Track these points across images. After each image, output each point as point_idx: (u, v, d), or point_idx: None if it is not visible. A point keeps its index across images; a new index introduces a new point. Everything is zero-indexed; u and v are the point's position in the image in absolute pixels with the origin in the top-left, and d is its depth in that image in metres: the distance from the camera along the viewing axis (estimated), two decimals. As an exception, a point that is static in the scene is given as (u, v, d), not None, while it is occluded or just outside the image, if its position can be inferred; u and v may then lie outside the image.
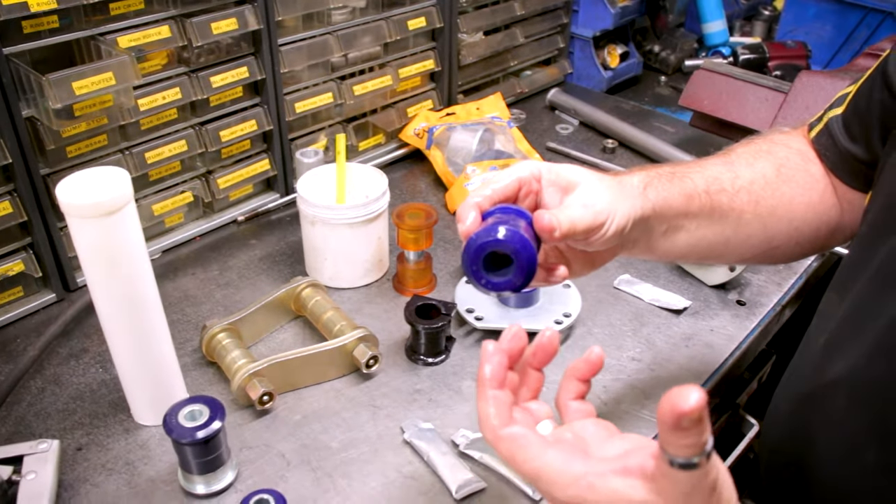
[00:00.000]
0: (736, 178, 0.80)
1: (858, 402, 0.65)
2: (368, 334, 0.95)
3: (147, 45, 1.03)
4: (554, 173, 0.70)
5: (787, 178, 0.82)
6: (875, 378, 0.63)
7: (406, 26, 1.33)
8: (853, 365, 0.66)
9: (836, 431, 0.67)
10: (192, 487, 0.81)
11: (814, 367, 0.72)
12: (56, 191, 0.73)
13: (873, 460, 0.63)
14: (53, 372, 0.96)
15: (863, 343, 0.65)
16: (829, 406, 0.68)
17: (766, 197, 0.80)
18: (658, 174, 0.77)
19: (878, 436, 0.63)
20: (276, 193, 1.29)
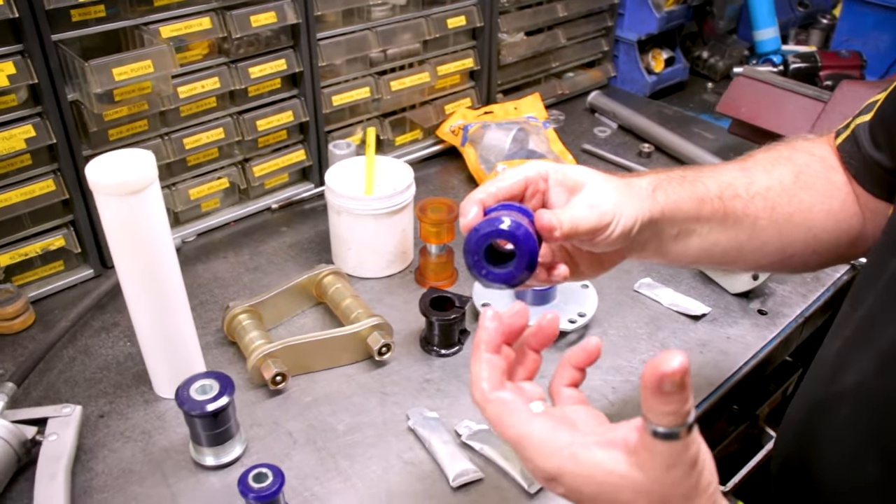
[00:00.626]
0: (751, 183, 0.79)
1: (862, 413, 0.65)
2: (383, 323, 0.98)
3: (188, 35, 1.07)
4: (561, 173, 0.71)
5: (805, 184, 0.80)
6: (880, 391, 0.63)
7: (446, 24, 1.35)
8: (861, 376, 0.65)
9: (840, 442, 0.67)
10: (201, 459, 0.85)
11: (825, 377, 0.71)
12: (85, 169, 0.78)
13: (873, 474, 0.62)
14: (85, 343, 1.01)
15: (871, 355, 0.65)
16: (835, 416, 0.68)
17: (782, 203, 0.79)
18: (669, 177, 0.77)
19: (879, 449, 0.62)
20: (311, 183, 1.33)
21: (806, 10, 1.98)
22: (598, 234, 0.68)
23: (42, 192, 1.02)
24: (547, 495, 0.82)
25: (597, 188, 0.69)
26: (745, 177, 0.80)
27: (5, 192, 0.99)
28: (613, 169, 1.44)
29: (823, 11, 2.00)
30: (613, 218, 0.68)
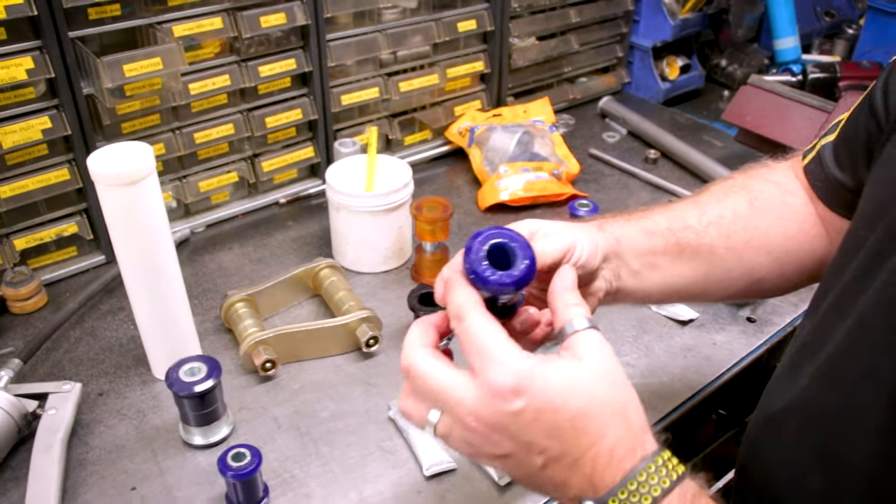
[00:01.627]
0: (703, 213, 0.80)
1: (807, 428, 0.65)
2: (372, 316, 1.02)
3: (200, 34, 1.12)
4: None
5: (760, 209, 0.81)
6: (821, 406, 0.63)
7: (456, 28, 1.38)
8: (805, 392, 0.66)
9: (787, 456, 0.68)
10: (190, 438, 0.89)
11: (777, 391, 0.72)
12: (87, 160, 0.83)
13: (817, 488, 0.63)
14: (91, 325, 1.07)
15: (814, 370, 0.65)
16: (783, 430, 0.68)
17: (737, 230, 0.80)
18: (614, 217, 0.78)
19: (822, 464, 0.63)
20: (319, 180, 1.37)
21: (832, 20, 1.97)
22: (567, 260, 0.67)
23: (57, 180, 1.08)
24: (518, 490, 0.85)
25: (549, 226, 0.70)
26: (695, 208, 0.81)
27: (22, 180, 1.05)
28: (618, 174, 1.46)
29: (850, 21, 1.98)
30: (573, 242, 0.68)
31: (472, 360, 0.55)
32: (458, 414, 0.55)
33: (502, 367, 0.53)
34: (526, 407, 0.53)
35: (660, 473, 0.53)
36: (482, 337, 0.55)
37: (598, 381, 0.54)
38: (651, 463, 0.53)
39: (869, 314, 0.60)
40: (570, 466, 0.54)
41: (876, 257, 0.62)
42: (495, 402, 0.53)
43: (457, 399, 0.55)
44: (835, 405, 0.62)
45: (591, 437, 0.53)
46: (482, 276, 0.56)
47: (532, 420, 0.53)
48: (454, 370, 0.56)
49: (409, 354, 0.58)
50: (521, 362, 0.54)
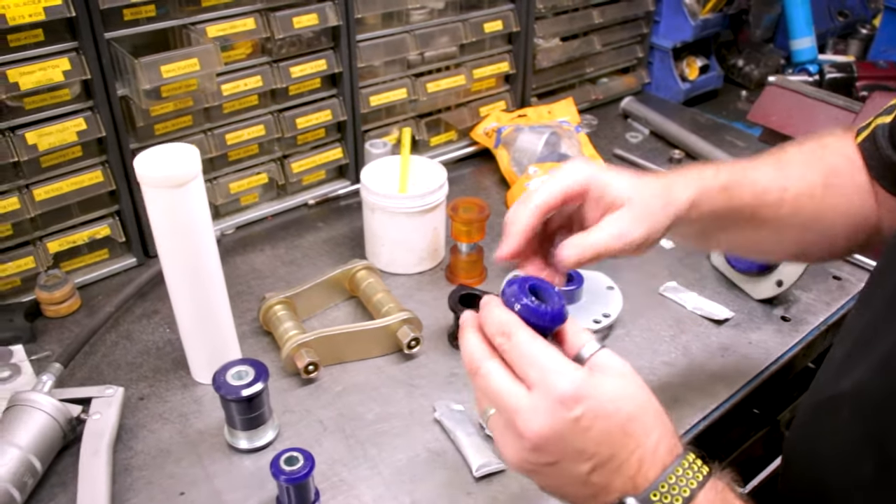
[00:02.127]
0: (785, 189, 0.80)
1: (860, 415, 0.66)
2: (413, 317, 1.01)
3: (233, 35, 1.11)
4: (600, 190, 0.70)
5: (834, 188, 0.82)
6: (878, 393, 0.64)
7: (482, 29, 1.38)
8: (859, 380, 0.67)
9: (839, 442, 0.69)
10: (235, 442, 0.89)
11: (829, 379, 0.73)
12: (134, 162, 0.82)
13: (869, 474, 0.64)
14: (127, 328, 1.06)
15: (872, 358, 0.66)
16: (837, 417, 0.69)
17: (809, 208, 0.81)
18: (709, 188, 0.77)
19: (875, 450, 0.64)
20: (347, 181, 1.36)
21: (846, 20, 1.97)
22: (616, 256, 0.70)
23: (91, 182, 1.07)
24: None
25: (632, 214, 0.70)
26: (779, 179, 0.81)
27: (57, 182, 1.04)
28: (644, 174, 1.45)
29: (863, 21, 1.99)
30: (637, 246, 0.70)
31: (527, 373, 0.57)
32: (512, 421, 0.57)
33: (562, 376, 0.56)
34: (584, 413, 0.55)
35: (693, 469, 0.56)
36: (536, 350, 0.57)
37: (638, 389, 0.58)
38: (684, 460, 0.57)
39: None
40: (615, 470, 0.57)
41: None
42: (558, 411, 0.55)
43: (512, 407, 0.57)
44: (888, 395, 0.62)
45: (638, 439, 0.56)
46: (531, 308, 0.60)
47: (587, 427, 0.56)
48: (509, 377, 0.58)
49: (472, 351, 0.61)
50: (576, 372, 0.56)
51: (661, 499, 0.55)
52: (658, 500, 0.55)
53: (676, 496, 0.55)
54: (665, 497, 0.55)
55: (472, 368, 0.61)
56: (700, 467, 0.57)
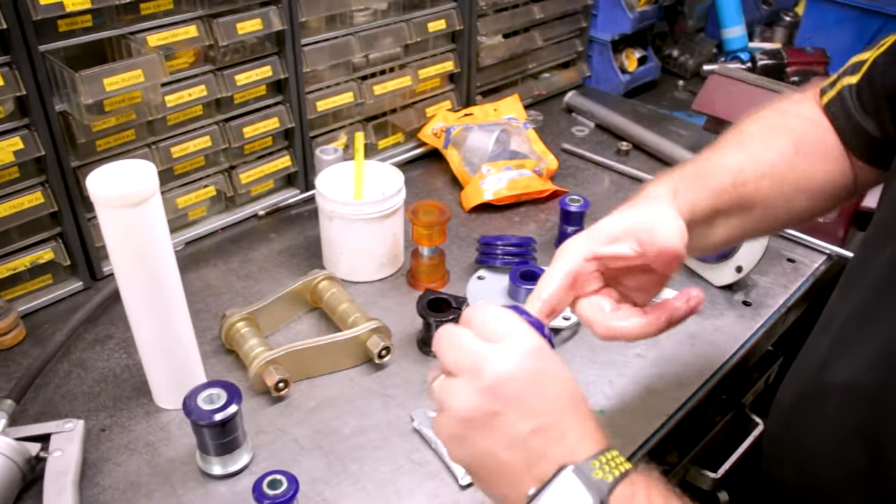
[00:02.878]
0: (756, 163, 0.79)
1: (850, 406, 0.66)
2: (381, 326, 0.99)
3: (175, 43, 1.07)
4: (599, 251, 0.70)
5: (806, 153, 0.81)
6: (869, 385, 0.64)
7: (426, 28, 1.36)
8: (852, 371, 0.67)
9: (829, 432, 0.69)
10: (209, 468, 0.85)
11: (816, 367, 0.73)
12: (86, 182, 0.77)
13: (862, 462, 0.64)
14: (79, 356, 1.00)
15: (863, 350, 0.66)
16: (825, 407, 0.69)
17: (788, 177, 0.80)
18: (684, 179, 0.77)
19: (867, 441, 0.64)
20: (297, 189, 1.33)
21: (770, 8, 2.03)
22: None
23: (30, 204, 1.01)
24: (554, 490, 0.84)
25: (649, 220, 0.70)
26: (749, 158, 0.80)
27: (-7, 206, 0.98)
28: (593, 168, 1.46)
29: (787, 9, 2.05)
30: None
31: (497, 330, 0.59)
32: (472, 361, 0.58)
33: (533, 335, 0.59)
34: (546, 369, 0.58)
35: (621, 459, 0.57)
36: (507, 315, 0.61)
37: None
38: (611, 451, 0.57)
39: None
40: (555, 439, 0.57)
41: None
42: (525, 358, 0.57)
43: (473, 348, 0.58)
44: (883, 390, 0.62)
45: (582, 416, 0.58)
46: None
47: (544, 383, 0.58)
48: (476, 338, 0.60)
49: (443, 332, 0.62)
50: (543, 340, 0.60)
51: (601, 466, 0.55)
52: (597, 468, 0.55)
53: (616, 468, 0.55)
54: (606, 465, 0.55)
55: (438, 341, 0.61)
56: (625, 462, 0.57)
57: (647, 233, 0.68)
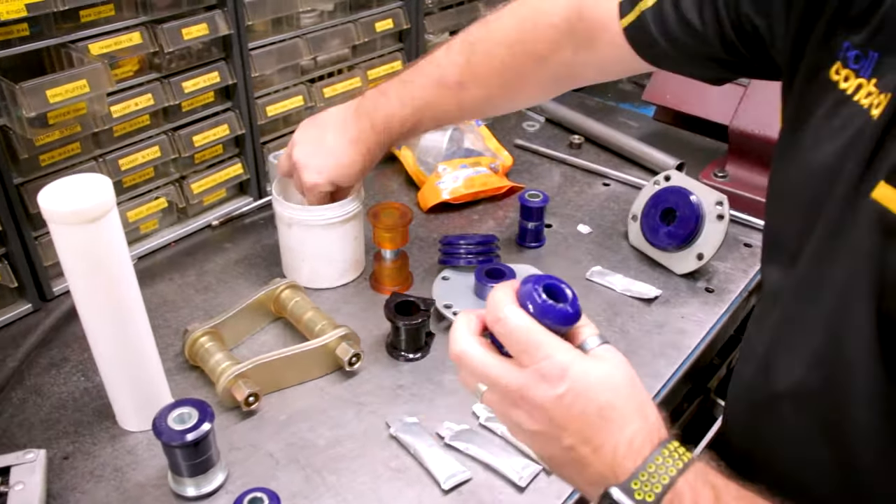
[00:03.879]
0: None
1: (804, 411, 0.68)
2: (350, 332, 0.97)
3: (118, 51, 1.03)
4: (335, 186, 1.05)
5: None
6: (815, 389, 0.66)
7: (374, 28, 1.34)
8: (793, 378, 0.68)
9: (789, 436, 0.71)
10: (182, 490, 0.82)
11: (759, 377, 0.74)
12: (38, 198, 0.74)
13: (828, 457, 0.66)
14: (34, 382, 0.96)
15: (799, 356, 0.68)
16: (778, 414, 0.71)
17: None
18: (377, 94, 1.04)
19: (829, 439, 0.66)
20: (250, 197, 1.29)
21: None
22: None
23: (-29, 226, 0.96)
24: (538, 488, 0.83)
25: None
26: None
27: (-68, 230, 0.93)
28: (546, 162, 1.46)
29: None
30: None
31: (519, 355, 0.60)
32: (508, 395, 0.61)
33: (550, 358, 0.59)
34: (567, 391, 0.58)
35: (673, 457, 0.57)
36: (528, 333, 0.60)
37: (623, 380, 0.60)
38: (665, 449, 0.57)
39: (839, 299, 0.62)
40: (593, 452, 0.59)
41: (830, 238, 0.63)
42: (542, 386, 0.59)
43: (506, 384, 0.61)
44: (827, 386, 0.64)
45: (614, 426, 0.58)
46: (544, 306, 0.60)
47: (569, 404, 0.58)
48: (502, 360, 0.62)
49: (459, 343, 0.63)
50: (565, 354, 0.59)
51: (641, 487, 0.56)
52: (639, 489, 0.56)
53: (656, 483, 0.56)
54: (646, 485, 0.56)
55: (458, 356, 0.64)
56: (682, 454, 0.58)
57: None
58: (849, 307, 0.61)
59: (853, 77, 0.63)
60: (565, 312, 0.60)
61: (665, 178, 1.19)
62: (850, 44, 0.63)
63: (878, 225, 0.57)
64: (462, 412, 0.92)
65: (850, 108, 0.62)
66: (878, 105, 0.59)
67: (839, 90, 0.64)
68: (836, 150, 0.63)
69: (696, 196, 1.12)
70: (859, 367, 0.60)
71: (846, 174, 0.61)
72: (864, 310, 0.59)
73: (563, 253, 1.21)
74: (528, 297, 0.60)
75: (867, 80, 0.61)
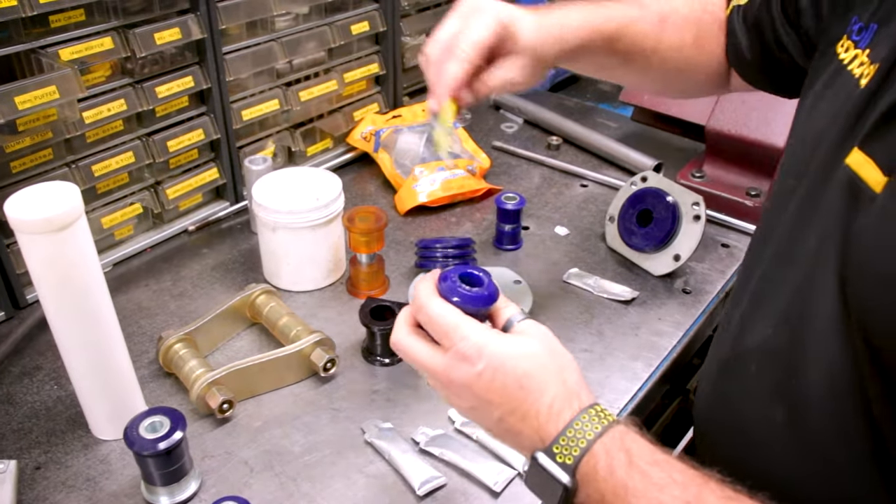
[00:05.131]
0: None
1: (765, 368, 0.70)
2: (325, 338, 0.96)
3: (90, 56, 1.02)
4: (509, 37, 0.83)
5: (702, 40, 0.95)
6: (778, 348, 0.68)
7: (349, 31, 1.34)
8: (761, 336, 0.71)
9: (749, 394, 0.73)
10: (155, 500, 0.81)
11: (731, 338, 0.77)
12: (4, 207, 0.73)
13: (780, 417, 0.68)
14: (6, 391, 0.95)
15: (768, 316, 0.70)
16: (742, 372, 0.74)
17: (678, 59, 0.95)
18: (594, 39, 0.89)
19: (782, 397, 0.68)
20: (226, 202, 1.29)
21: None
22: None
23: (-58, 235, 0.95)
24: (513, 493, 0.83)
25: (523, 64, 0.84)
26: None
27: None
28: (525, 164, 1.46)
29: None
30: (521, 87, 0.87)
31: (441, 340, 0.65)
32: (437, 378, 0.66)
33: (466, 339, 0.63)
34: (485, 368, 0.62)
35: (593, 421, 0.61)
36: (444, 319, 0.64)
37: (540, 350, 0.64)
38: (585, 413, 0.61)
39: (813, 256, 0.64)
40: (521, 419, 0.63)
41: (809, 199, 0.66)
42: (463, 366, 0.63)
43: (432, 368, 0.65)
44: (791, 344, 0.66)
45: (534, 394, 0.62)
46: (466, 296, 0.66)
47: (490, 380, 0.63)
48: (430, 346, 0.66)
49: (396, 333, 0.68)
50: (480, 335, 0.63)
51: (561, 450, 0.60)
52: (559, 452, 0.60)
53: (574, 447, 0.60)
54: (565, 449, 0.60)
55: (394, 344, 0.69)
56: (603, 417, 0.61)
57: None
58: (816, 271, 0.63)
59: (852, 48, 0.67)
60: (480, 295, 0.66)
61: (642, 178, 1.19)
62: (857, 17, 0.67)
63: (847, 190, 0.60)
64: (437, 417, 0.92)
65: (843, 78, 0.66)
66: (867, 75, 0.62)
67: (838, 60, 0.68)
68: (826, 118, 0.67)
69: (672, 197, 1.12)
70: (819, 329, 0.62)
71: (828, 140, 0.64)
72: (829, 274, 0.61)
73: (541, 255, 1.21)
74: (447, 288, 0.66)
75: (862, 51, 0.65)
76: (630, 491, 0.58)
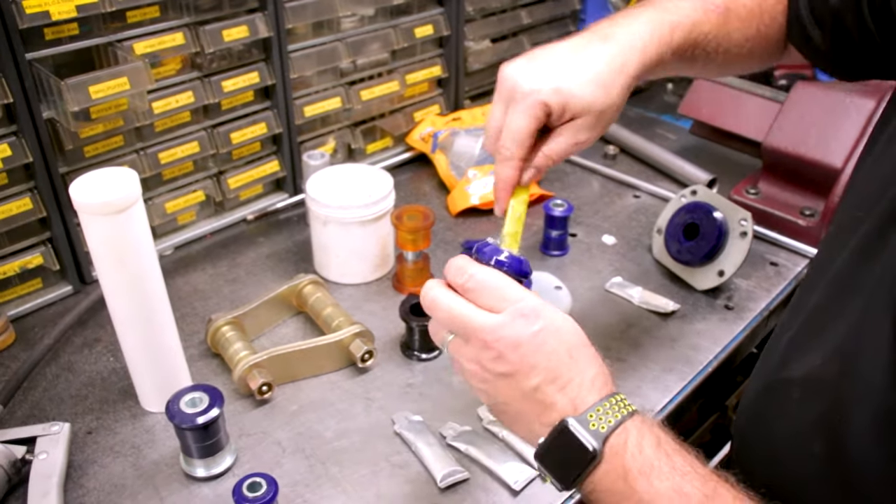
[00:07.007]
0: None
1: (809, 398, 0.69)
2: (364, 330, 1.00)
3: (162, 51, 1.08)
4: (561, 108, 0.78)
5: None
6: (825, 379, 0.67)
7: (413, 34, 1.37)
8: (809, 365, 0.70)
9: (790, 422, 0.72)
10: (192, 471, 0.86)
11: (777, 363, 0.76)
12: (70, 190, 0.79)
13: (818, 450, 0.67)
14: (68, 360, 1.02)
15: (821, 345, 0.69)
16: (785, 398, 0.73)
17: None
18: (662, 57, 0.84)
19: (823, 430, 0.66)
20: (285, 194, 1.34)
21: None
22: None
23: (19, 210, 1.02)
24: (532, 493, 0.85)
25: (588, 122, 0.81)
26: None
27: (-18, 212, 1.00)
28: (580, 171, 1.47)
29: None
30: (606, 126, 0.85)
31: (489, 302, 0.66)
32: (478, 338, 0.65)
33: (525, 300, 0.65)
34: (542, 328, 0.64)
35: (623, 403, 0.65)
36: (496, 281, 0.66)
37: (581, 332, 0.68)
38: (614, 397, 0.65)
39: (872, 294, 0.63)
40: (559, 389, 0.65)
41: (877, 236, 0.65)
42: (519, 323, 0.64)
43: (479, 325, 0.65)
44: (837, 378, 0.65)
45: (581, 365, 0.65)
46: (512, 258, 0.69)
47: (542, 342, 0.64)
48: (472, 305, 0.67)
49: (433, 290, 0.69)
50: (535, 298, 0.66)
51: (597, 418, 0.63)
52: (594, 420, 0.63)
53: (609, 419, 0.63)
54: (601, 418, 0.63)
55: (431, 304, 0.69)
56: (629, 405, 0.65)
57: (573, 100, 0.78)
58: (873, 310, 0.62)
59: None
60: (521, 260, 0.70)
61: (692, 192, 1.19)
62: None
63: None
64: (467, 414, 0.95)
65: None
66: None
67: None
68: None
69: (719, 212, 1.12)
70: (869, 368, 0.61)
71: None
72: (884, 317, 0.60)
73: (585, 262, 1.22)
74: (491, 251, 0.69)
75: None
76: (655, 471, 0.61)
